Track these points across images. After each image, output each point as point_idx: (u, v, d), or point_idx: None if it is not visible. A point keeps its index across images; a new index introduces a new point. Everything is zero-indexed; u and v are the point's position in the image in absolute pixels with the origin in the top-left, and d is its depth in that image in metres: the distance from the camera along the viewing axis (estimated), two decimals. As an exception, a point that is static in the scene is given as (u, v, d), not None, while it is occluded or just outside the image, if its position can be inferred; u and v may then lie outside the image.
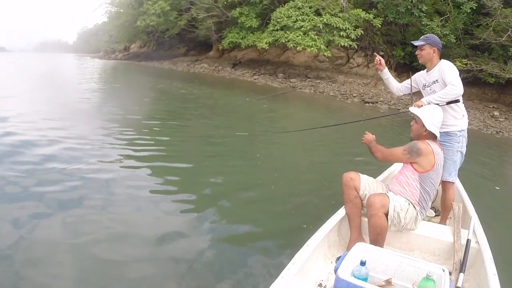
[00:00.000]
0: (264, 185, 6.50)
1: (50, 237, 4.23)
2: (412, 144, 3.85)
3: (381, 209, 3.64)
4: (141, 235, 4.45)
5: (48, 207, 4.97)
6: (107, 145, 8.00)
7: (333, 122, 12.78)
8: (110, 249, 4.13)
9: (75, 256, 3.90)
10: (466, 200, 4.90)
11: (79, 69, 40.67)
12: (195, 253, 4.21)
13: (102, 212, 4.97)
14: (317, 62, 30.94)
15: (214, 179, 6.68)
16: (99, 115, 11.56)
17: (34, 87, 18.20)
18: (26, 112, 10.47)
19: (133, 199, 5.45)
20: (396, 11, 26.43)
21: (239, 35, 32.31)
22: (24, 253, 3.90)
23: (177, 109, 14.69)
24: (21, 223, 4.47)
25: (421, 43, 4.54)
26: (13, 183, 5.60)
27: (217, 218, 5.13)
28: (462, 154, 4.64)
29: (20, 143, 7.55)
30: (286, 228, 5.00)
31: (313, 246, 3.39)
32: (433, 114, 3.98)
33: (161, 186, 6.01)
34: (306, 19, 26.72)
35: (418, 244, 4.00)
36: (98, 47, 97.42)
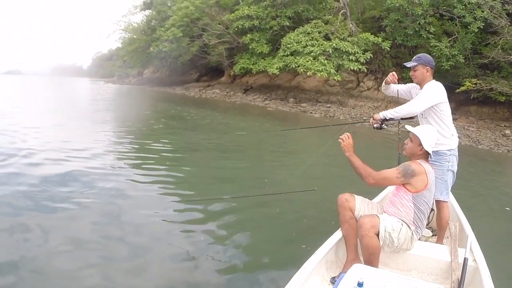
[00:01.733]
0: (268, 207, 6.62)
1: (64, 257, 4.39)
2: (406, 167, 3.81)
3: (372, 230, 3.65)
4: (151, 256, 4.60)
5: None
6: (116, 168, 8.43)
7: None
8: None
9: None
10: (462, 218, 4.92)
11: (94, 93, 41.57)
12: (191, 270, 4.38)
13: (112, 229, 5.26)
14: (328, 87, 31.22)
15: (219, 201, 6.80)
16: (113, 141, 12.00)
17: (50, 112, 18.81)
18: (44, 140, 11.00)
19: (144, 223, 5.63)
20: (404, 34, 26.75)
21: (250, 60, 32.85)
22: (31, 264, 4.13)
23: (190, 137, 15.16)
24: (35, 233, 4.81)
25: (414, 63, 4.63)
26: (23, 197, 6.03)
27: (217, 236, 5.32)
28: (453, 173, 4.69)
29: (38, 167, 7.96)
30: (287, 250, 5.07)
31: (310, 268, 3.41)
32: (431, 135, 3.98)
33: (168, 211, 6.19)
34: (316, 44, 27.10)
35: (415, 264, 3.97)
36: (112, 72, 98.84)
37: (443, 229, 4.71)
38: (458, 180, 4.92)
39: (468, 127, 22.20)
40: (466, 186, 9.10)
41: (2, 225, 5.02)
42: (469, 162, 13.16)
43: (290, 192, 6.82)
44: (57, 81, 77.08)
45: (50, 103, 25.74)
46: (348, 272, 3.05)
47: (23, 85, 52.91)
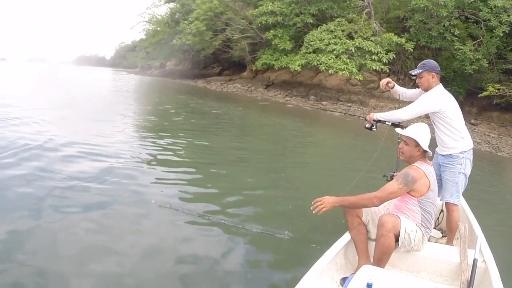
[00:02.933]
0: (283, 203, 6.69)
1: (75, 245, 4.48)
2: (405, 176, 3.77)
3: (392, 230, 3.64)
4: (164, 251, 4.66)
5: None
6: (137, 159, 8.65)
7: (361, 143, 13.26)
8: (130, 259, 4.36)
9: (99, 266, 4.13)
10: (472, 219, 4.90)
11: (117, 84, 42.02)
12: (205, 266, 4.39)
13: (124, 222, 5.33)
14: (349, 86, 31.20)
15: (235, 195, 6.97)
16: (133, 131, 12.43)
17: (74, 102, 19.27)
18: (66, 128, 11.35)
19: (157, 213, 5.72)
20: (428, 35, 26.51)
21: (273, 56, 32.99)
22: (43, 256, 4.18)
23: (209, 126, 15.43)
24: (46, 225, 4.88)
25: (419, 71, 4.64)
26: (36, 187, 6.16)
27: (232, 231, 5.36)
28: (465, 177, 4.65)
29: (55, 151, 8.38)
30: (298, 249, 5.06)
31: (319, 269, 3.41)
32: (425, 133, 3.91)
33: (186, 202, 6.25)
34: (339, 42, 27.17)
35: (425, 266, 3.96)
36: (134, 63, 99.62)
37: (453, 231, 4.70)
38: (473, 184, 4.99)
39: (489, 133, 22.14)
40: (480, 190, 9.18)
41: (22, 218, 5.11)
42: (484, 167, 13.22)
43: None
44: (81, 71, 77.99)
45: (74, 93, 26.18)
46: (357, 273, 3.08)
47: (49, 73, 53.99)
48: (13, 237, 4.50)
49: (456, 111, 4.62)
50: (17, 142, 8.57)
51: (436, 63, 4.74)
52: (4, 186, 6.02)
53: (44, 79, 41.45)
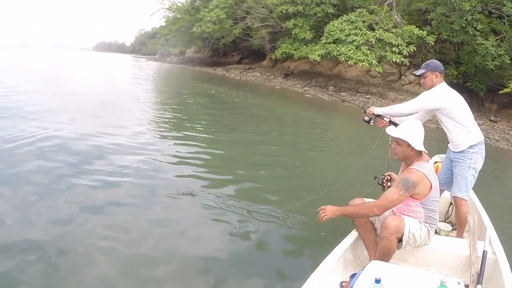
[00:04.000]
0: (297, 191, 6.83)
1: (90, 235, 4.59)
2: (404, 181, 3.64)
3: (395, 233, 3.61)
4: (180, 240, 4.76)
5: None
6: (152, 146, 8.83)
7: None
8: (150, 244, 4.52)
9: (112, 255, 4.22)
10: (481, 211, 4.93)
11: (137, 69, 42.44)
12: (210, 255, 4.44)
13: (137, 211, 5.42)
14: (369, 77, 31.16)
15: (252, 182, 7.22)
16: (153, 118, 12.69)
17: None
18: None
19: (174, 203, 5.85)
20: (450, 29, 26.19)
21: (293, 46, 32.97)
22: (57, 246, 4.25)
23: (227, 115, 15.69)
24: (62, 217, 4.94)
25: (422, 71, 4.71)
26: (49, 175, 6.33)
27: (244, 216, 5.52)
28: (475, 171, 4.64)
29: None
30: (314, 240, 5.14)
31: (328, 266, 3.43)
32: (416, 131, 3.82)
33: (203, 190, 6.39)
34: (359, 33, 27.10)
35: (434, 259, 3.94)
36: (154, 50, 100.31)
37: (463, 225, 4.71)
38: (486, 181, 5.01)
39: (508, 131, 22.08)
40: (493, 186, 9.29)
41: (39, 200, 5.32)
42: (499, 163, 13.23)
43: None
44: (102, 57, 78.62)
45: (94, 79, 26.62)
46: (365, 269, 3.12)
47: (72, 59, 54.60)
48: (31, 225, 4.67)
49: (460, 106, 4.65)
50: (33, 131, 8.78)
51: (440, 63, 4.80)
52: (23, 175, 6.21)
53: (65, 65, 41.94)
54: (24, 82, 17.92)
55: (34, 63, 38.65)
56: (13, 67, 29.55)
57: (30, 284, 3.65)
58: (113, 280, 3.81)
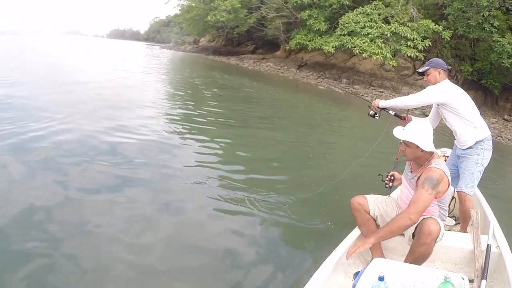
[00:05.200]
0: (308, 185, 6.79)
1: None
2: (429, 180, 3.52)
3: (435, 238, 3.51)
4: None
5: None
6: (165, 133, 8.97)
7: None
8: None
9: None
10: (484, 205, 4.93)
11: (151, 57, 42.80)
12: (216, 244, 4.50)
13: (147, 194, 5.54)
14: (383, 71, 31.08)
15: (262, 173, 7.24)
16: (164, 106, 12.87)
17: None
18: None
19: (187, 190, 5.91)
20: (466, 25, 25.89)
21: (307, 37, 32.97)
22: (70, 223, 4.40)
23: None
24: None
25: (425, 68, 4.78)
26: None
27: (253, 205, 5.60)
28: (482, 167, 4.65)
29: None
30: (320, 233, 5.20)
31: (331, 264, 3.42)
32: (423, 132, 3.71)
33: (213, 180, 6.42)
34: (374, 26, 27.04)
35: (438, 255, 3.87)
36: (168, 38, 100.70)
37: (466, 220, 4.74)
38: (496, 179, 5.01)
39: (521, 130, 22.01)
40: (499, 182, 9.42)
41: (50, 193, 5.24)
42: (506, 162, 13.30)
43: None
44: (116, 44, 79.00)
45: (106, 66, 26.89)
46: (368, 266, 3.12)
47: (85, 46, 54.96)
48: (41, 206, 4.76)
49: (465, 102, 4.65)
50: (43, 120, 8.74)
51: (443, 61, 4.83)
52: (37, 157, 6.38)
53: (78, 52, 42.26)
54: (34, 69, 18.14)
55: (48, 49, 38.87)
56: (27, 52, 29.84)
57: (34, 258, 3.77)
58: (115, 264, 3.88)
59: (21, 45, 39.25)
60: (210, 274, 4.00)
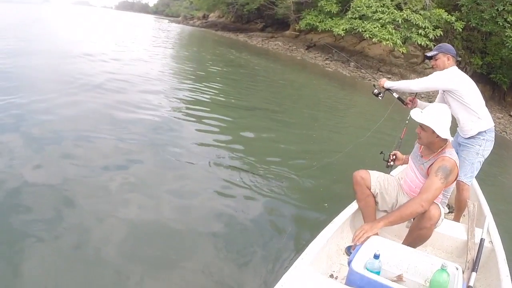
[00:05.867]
0: (308, 162, 6.93)
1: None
2: (443, 169, 3.49)
3: (435, 223, 3.53)
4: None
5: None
6: (171, 110, 8.91)
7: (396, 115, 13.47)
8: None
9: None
10: (481, 199, 4.94)
11: (159, 30, 42.93)
12: (216, 226, 4.50)
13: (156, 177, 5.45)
14: (392, 57, 30.96)
15: (265, 151, 7.30)
16: (170, 81, 12.87)
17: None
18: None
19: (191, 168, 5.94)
20: (480, 17, 25.66)
21: (317, 18, 32.83)
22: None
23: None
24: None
25: (434, 52, 4.71)
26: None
27: (254, 182, 5.69)
28: (483, 158, 4.67)
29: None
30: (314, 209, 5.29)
31: (326, 237, 3.41)
32: (442, 118, 3.61)
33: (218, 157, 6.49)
34: (386, 11, 26.88)
35: (431, 241, 3.85)
36: (177, 12, 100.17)
37: (461, 210, 4.80)
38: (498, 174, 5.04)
39: (526, 128, 21.99)
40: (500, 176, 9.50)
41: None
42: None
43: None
44: (125, 16, 78.76)
45: (115, 37, 26.98)
46: (365, 243, 3.14)
47: (92, 17, 54.83)
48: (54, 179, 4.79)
49: (472, 91, 4.61)
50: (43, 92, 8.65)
51: (452, 47, 4.77)
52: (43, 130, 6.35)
53: (85, 23, 42.07)
54: (39, 39, 18.12)
55: (54, 19, 38.63)
56: (32, 22, 29.70)
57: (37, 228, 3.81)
58: (119, 242, 3.88)
59: (27, 14, 38.98)
60: (209, 245, 4.09)
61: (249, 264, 3.87)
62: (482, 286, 3.47)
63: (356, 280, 2.73)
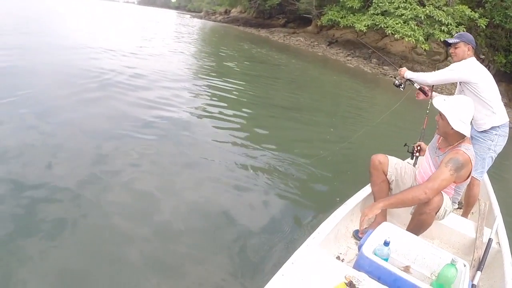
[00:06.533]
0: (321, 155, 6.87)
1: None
2: (455, 161, 3.39)
3: (436, 209, 3.45)
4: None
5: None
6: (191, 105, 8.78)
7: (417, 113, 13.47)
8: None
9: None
10: (492, 198, 4.83)
11: (182, 26, 43.10)
12: (236, 202, 4.70)
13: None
14: (414, 54, 30.94)
15: (280, 142, 7.28)
16: (192, 73, 13.21)
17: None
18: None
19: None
20: (504, 14, 25.58)
21: (339, 13, 33.01)
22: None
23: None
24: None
25: (456, 40, 4.51)
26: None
27: (263, 175, 5.64)
28: (495, 153, 4.59)
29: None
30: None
31: (338, 218, 3.41)
32: (461, 108, 3.49)
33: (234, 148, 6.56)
34: (409, 7, 26.92)
35: (439, 234, 3.93)
36: (199, 7, 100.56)
37: (471, 205, 4.73)
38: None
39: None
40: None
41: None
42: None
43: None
44: (147, 12, 79.11)
45: (138, 32, 27.39)
46: (377, 229, 3.11)
47: (116, 12, 55.26)
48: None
49: (489, 84, 4.46)
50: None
51: (473, 38, 4.60)
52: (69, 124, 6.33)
53: (110, 17, 42.54)
54: (60, 33, 18.36)
55: (77, 13, 38.75)
56: (55, 16, 29.90)
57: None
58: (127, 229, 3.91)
59: (49, 7, 39.30)
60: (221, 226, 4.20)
61: (264, 246, 3.92)
62: (485, 285, 3.43)
63: (365, 265, 2.72)
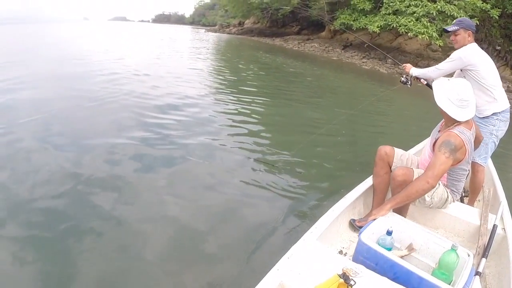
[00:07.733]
0: (333, 158, 7.04)
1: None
2: (446, 144, 3.42)
3: (403, 184, 3.49)
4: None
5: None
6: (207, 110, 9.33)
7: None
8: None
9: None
10: (497, 183, 4.82)
11: (197, 41, 43.73)
12: (249, 195, 4.95)
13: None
14: (429, 51, 31.00)
15: (288, 138, 7.70)
16: (209, 82, 13.66)
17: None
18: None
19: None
20: None
21: (351, 17, 33.21)
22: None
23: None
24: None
25: (455, 27, 4.52)
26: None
27: (267, 168, 5.96)
28: (497, 138, 4.62)
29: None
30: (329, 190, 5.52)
31: (337, 212, 3.42)
32: (450, 87, 3.54)
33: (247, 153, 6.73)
34: (420, 4, 26.95)
35: (443, 223, 3.93)
36: (214, 21, 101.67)
37: (476, 192, 4.76)
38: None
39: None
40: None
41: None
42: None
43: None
44: (162, 29, 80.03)
45: (153, 49, 28.13)
46: (380, 217, 3.19)
47: (132, 31, 56.12)
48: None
49: (490, 70, 4.50)
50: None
51: (473, 22, 4.66)
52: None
53: (125, 37, 43.28)
54: (76, 56, 18.87)
55: (94, 36, 39.50)
56: (71, 39, 30.81)
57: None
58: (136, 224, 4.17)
59: (66, 32, 40.21)
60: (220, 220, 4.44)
61: (264, 239, 4.10)
62: (491, 272, 3.44)
63: (363, 252, 2.78)
